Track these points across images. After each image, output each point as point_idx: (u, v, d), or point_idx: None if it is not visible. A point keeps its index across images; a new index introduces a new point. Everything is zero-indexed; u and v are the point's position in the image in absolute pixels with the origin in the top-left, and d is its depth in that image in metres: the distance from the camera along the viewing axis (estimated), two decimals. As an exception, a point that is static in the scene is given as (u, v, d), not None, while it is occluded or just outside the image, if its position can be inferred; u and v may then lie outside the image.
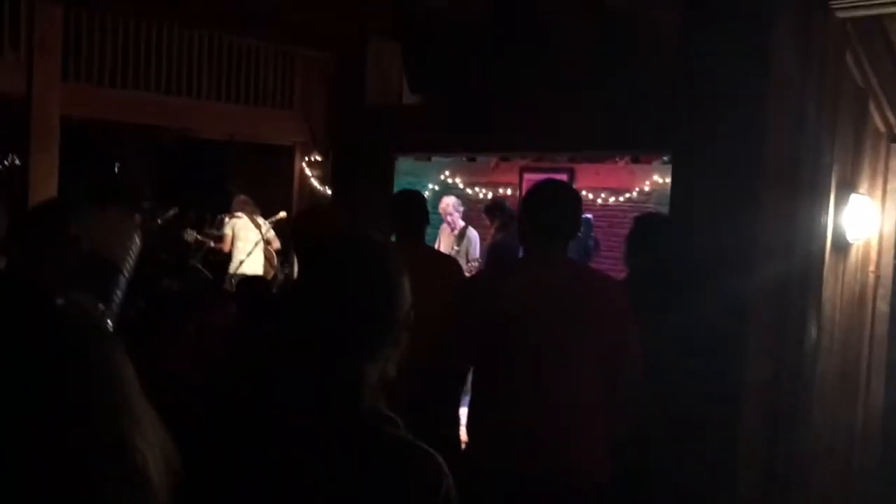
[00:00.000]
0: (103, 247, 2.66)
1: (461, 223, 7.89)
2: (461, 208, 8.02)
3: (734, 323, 3.28)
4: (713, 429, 3.20)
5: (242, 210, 8.47)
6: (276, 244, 8.70)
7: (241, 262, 8.17)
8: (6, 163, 11.56)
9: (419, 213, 4.02)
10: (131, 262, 2.70)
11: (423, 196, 4.22)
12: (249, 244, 8.28)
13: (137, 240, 2.71)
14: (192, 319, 4.01)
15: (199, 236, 8.55)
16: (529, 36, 4.48)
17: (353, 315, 1.39)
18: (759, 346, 3.39)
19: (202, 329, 3.79)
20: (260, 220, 8.51)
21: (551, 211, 2.92)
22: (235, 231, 8.33)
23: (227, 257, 8.40)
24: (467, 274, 7.04)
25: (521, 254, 3.57)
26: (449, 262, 4.34)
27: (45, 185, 7.51)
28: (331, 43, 5.57)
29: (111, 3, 6.03)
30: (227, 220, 8.50)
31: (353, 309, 1.40)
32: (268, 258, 8.55)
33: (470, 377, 3.02)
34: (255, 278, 5.98)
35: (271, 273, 8.60)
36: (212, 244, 8.54)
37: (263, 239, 8.41)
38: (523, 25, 4.49)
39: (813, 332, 3.66)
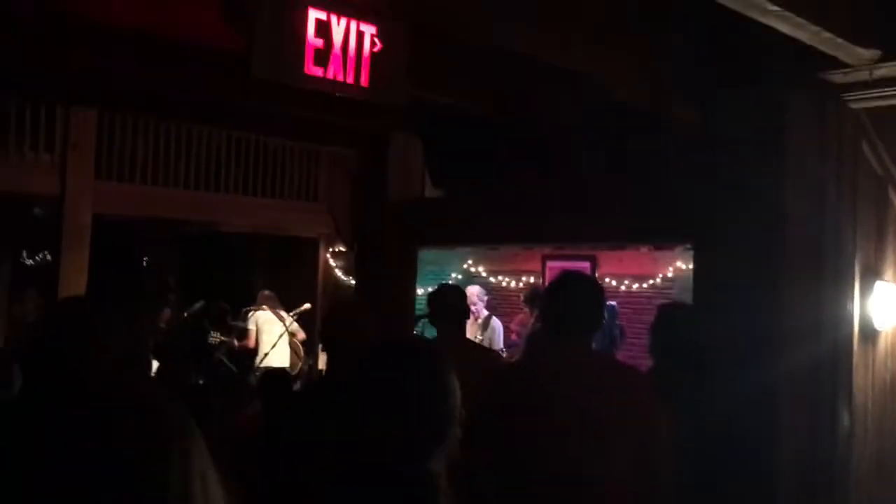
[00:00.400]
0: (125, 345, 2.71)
1: (485, 312, 7.89)
2: (485, 297, 8.02)
3: (765, 406, 3.24)
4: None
5: (266, 304, 8.54)
6: (301, 335, 8.72)
7: (266, 355, 8.19)
8: (37, 258, 11.81)
9: (459, 308, 4.01)
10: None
11: (463, 291, 4.22)
12: (274, 336, 8.31)
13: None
14: (215, 417, 4.02)
15: (222, 337, 8.59)
16: (550, 131, 4.58)
17: (418, 419, 1.43)
18: (791, 428, 3.34)
19: (226, 428, 3.79)
20: (283, 313, 8.56)
21: (572, 303, 2.92)
22: (259, 325, 8.37)
23: (253, 351, 8.43)
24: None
25: None
26: (491, 355, 4.35)
27: (75, 281, 7.64)
28: (354, 140, 5.73)
29: (143, 106, 6.26)
30: (250, 314, 8.56)
31: (418, 414, 1.43)
32: (294, 350, 8.56)
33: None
34: (276, 372, 5.99)
35: (298, 364, 8.59)
36: (235, 343, 8.58)
37: (288, 331, 8.44)
38: (543, 121, 4.60)
39: (845, 419, 3.59)
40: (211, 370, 8.14)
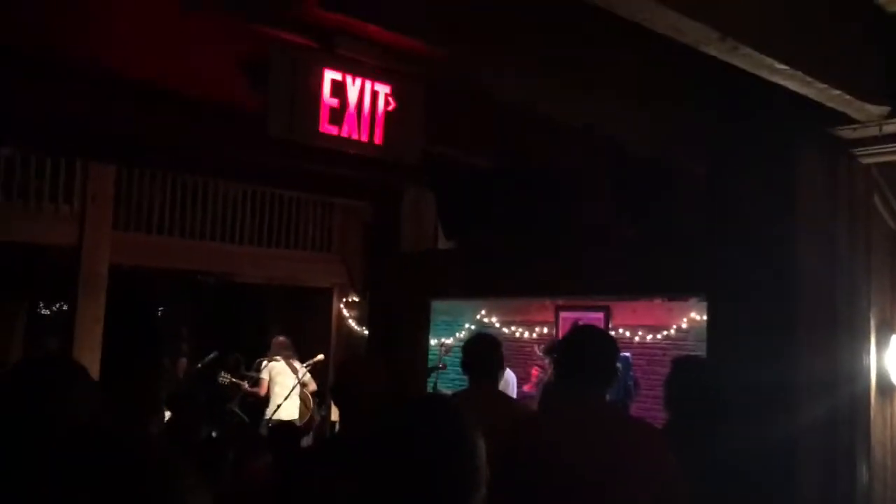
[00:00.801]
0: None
1: (498, 364, 7.84)
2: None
3: (781, 461, 3.19)
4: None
5: (279, 353, 8.51)
6: (313, 386, 8.69)
7: (279, 407, 8.16)
8: (54, 308, 11.90)
9: (495, 359, 3.96)
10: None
11: (499, 341, 4.14)
12: (286, 389, 8.28)
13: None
14: (228, 469, 4.00)
15: (233, 379, 8.58)
16: (562, 183, 4.62)
17: (438, 481, 1.38)
18: (808, 483, 3.29)
19: (238, 480, 3.77)
20: (297, 364, 8.54)
21: (586, 358, 2.91)
22: (272, 375, 8.35)
23: (264, 401, 8.39)
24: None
25: None
26: (520, 408, 4.30)
27: (91, 330, 7.71)
28: (368, 193, 5.79)
29: (161, 161, 6.37)
30: (264, 363, 8.54)
31: (438, 475, 1.38)
32: (303, 400, 8.52)
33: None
34: (286, 425, 5.97)
35: (307, 415, 8.54)
36: (247, 386, 8.55)
37: (300, 382, 8.41)
38: (555, 173, 4.64)
39: (864, 474, 3.54)
40: (224, 420, 8.11)
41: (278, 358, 8.41)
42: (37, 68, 3.02)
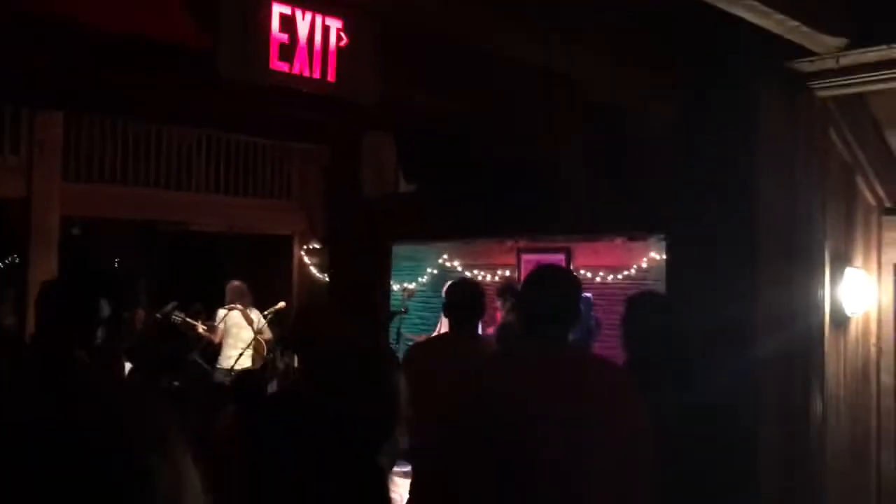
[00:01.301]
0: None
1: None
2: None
3: (745, 391, 3.26)
4: (729, 500, 3.13)
5: (235, 300, 8.37)
6: (267, 334, 8.62)
7: (231, 357, 8.09)
8: (6, 261, 11.64)
9: (478, 304, 3.95)
10: None
11: (481, 287, 4.11)
12: (239, 340, 8.21)
13: None
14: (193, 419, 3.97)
15: (186, 318, 8.45)
16: (524, 126, 4.57)
17: (366, 420, 1.49)
18: (768, 416, 3.36)
19: (203, 430, 3.74)
20: (253, 314, 8.42)
21: (549, 298, 2.89)
22: (228, 326, 8.23)
23: (218, 348, 8.31)
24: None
25: None
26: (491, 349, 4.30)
27: (44, 284, 7.54)
28: (325, 136, 5.68)
29: (109, 107, 6.16)
30: (220, 312, 8.41)
31: (367, 413, 1.50)
32: (256, 349, 8.45)
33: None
34: (249, 374, 5.94)
35: (259, 363, 8.49)
36: (200, 330, 8.43)
37: (257, 331, 8.33)
38: (518, 118, 4.59)
39: (819, 406, 3.62)
40: (185, 370, 8.05)
41: (237, 307, 8.30)
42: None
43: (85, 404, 0.71)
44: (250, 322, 8.26)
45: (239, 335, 8.19)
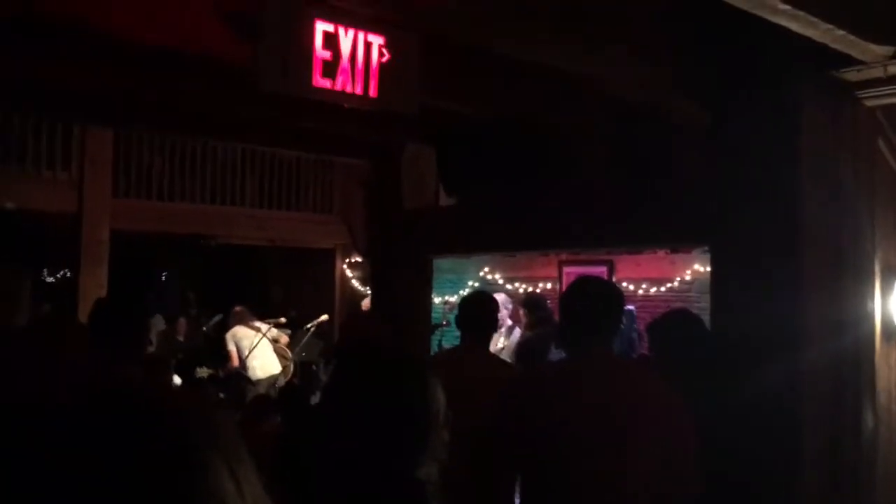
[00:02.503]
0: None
1: (509, 322, 7.81)
2: (510, 306, 7.92)
3: (788, 404, 3.20)
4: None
5: (239, 323, 8.49)
6: (284, 339, 8.70)
7: (255, 368, 8.17)
8: (57, 276, 11.93)
9: (488, 316, 3.94)
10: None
11: (496, 300, 4.11)
12: (256, 349, 8.31)
13: None
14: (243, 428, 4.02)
15: (209, 370, 8.55)
16: (564, 136, 4.57)
17: (400, 428, 1.46)
18: (814, 427, 3.29)
19: (252, 437, 3.79)
20: (259, 324, 8.51)
21: (591, 308, 2.88)
22: (237, 342, 8.34)
23: (242, 369, 8.39)
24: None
25: (550, 354, 3.51)
26: (508, 367, 4.28)
27: (94, 296, 7.70)
28: (367, 151, 5.74)
29: (158, 124, 6.31)
30: (226, 337, 8.51)
31: (400, 422, 1.46)
32: (280, 354, 8.54)
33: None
34: (293, 387, 6.00)
35: (288, 366, 8.57)
36: (221, 374, 8.54)
37: (269, 339, 8.40)
38: (556, 126, 4.59)
39: (870, 419, 3.54)
40: (230, 383, 8.16)
41: (237, 327, 8.39)
42: (19, 29, 2.96)
43: (148, 421, 0.71)
44: (256, 329, 8.33)
45: (252, 345, 8.28)
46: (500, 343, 7.61)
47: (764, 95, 3.49)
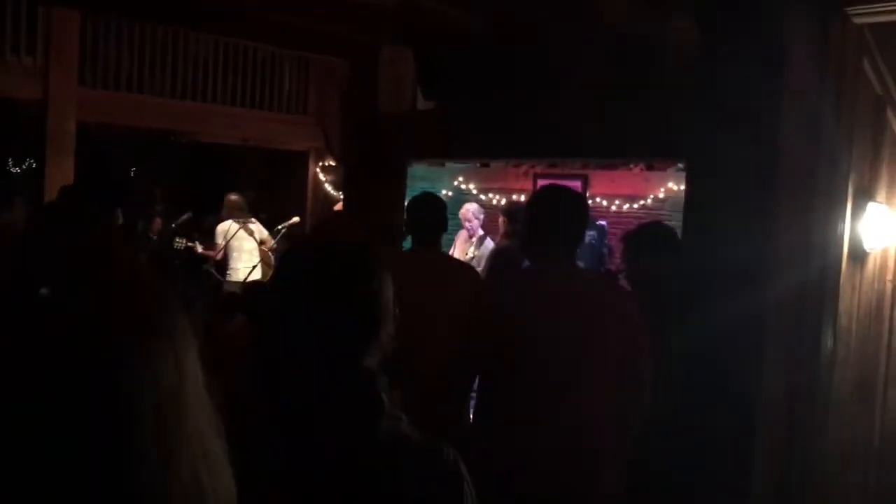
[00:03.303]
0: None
1: (480, 231, 7.83)
2: (481, 216, 7.93)
3: (750, 334, 3.23)
4: (727, 441, 3.16)
5: (233, 215, 8.37)
6: (270, 243, 8.67)
7: (237, 270, 8.15)
8: (23, 166, 11.67)
9: (438, 218, 3.97)
10: None
11: (444, 201, 4.15)
12: (245, 254, 8.24)
13: None
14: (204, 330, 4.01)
15: (188, 243, 8.48)
16: (545, 47, 4.46)
17: (343, 314, 1.45)
18: (774, 357, 3.35)
19: (215, 341, 3.78)
20: (254, 226, 8.43)
21: (555, 216, 2.87)
22: (230, 242, 8.26)
23: (223, 263, 8.35)
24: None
25: (524, 264, 3.52)
26: (466, 269, 4.31)
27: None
28: (345, 50, 5.58)
29: (127, 9, 6.05)
30: (219, 227, 8.42)
31: (341, 309, 1.46)
32: (264, 259, 8.51)
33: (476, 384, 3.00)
34: (258, 284, 5.99)
35: (269, 273, 8.56)
36: (199, 249, 8.46)
37: (260, 241, 8.36)
38: (538, 36, 4.47)
39: (829, 343, 3.61)
40: (200, 281, 8.13)
41: (236, 221, 8.30)
42: None
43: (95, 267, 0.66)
44: (251, 233, 8.27)
45: (241, 247, 8.23)
46: (470, 252, 7.65)
47: (750, 11, 3.41)
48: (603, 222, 8.26)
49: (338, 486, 1.37)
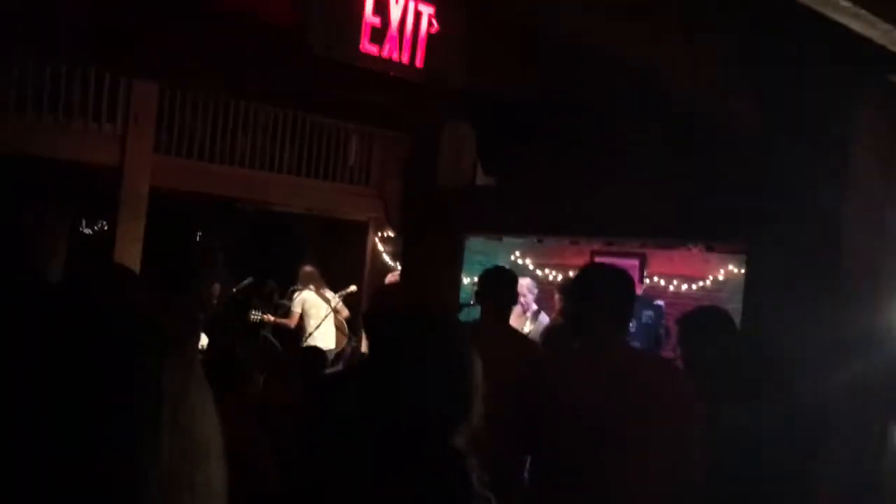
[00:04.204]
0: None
1: (534, 306, 7.83)
2: (535, 290, 7.94)
3: (813, 420, 3.15)
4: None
5: (309, 283, 8.55)
6: (345, 313, 8.76)
7: (311, 335, 8.26)
8: (96, 228, 12.11)
9: (512, 293, 3.97)
10: None
11: (515, 276, 4.16)
12: (319, 319, 8.37)
13: None
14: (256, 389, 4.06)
15: (264, 316, 8.64)
16: (606, 124, 4.52)
17: (440, 397, 1.43)
18: (838, 442, 3.25)
19: (266, 401, 3.83)
20: (328, 293, 8.59)
21: (599, 294, 2.85)
22: (305, 307, 8.40)
23: (297, 332, 8.48)
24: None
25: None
26: (531, 345, 4.30)
27: (130, 250, 7.83)
28: (407, 124, 5.73)
29: (204, 82, 6.35)
30: (296, 295, 8.59)
31: (440, 391, 1.43)
32: (338, 328, 8.61)
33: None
34: (314, 350, 6.05)
35: (343, 341, 8.64)
36: (272, 319, 8.60)
37: (333, 309, 8.49)
38: (600, 114, 4.54)
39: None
40: (256, 346, 8.22)
41: (310, 287, 8.47)
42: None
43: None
44: (326, 301, 8.40)
45: (319, 315, 8.35)
46: (526, 327, 7.62)
47: (816, 97, 3.42)
48: (661, 302, 8.16)
49: None
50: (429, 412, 1.40)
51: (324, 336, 8.26)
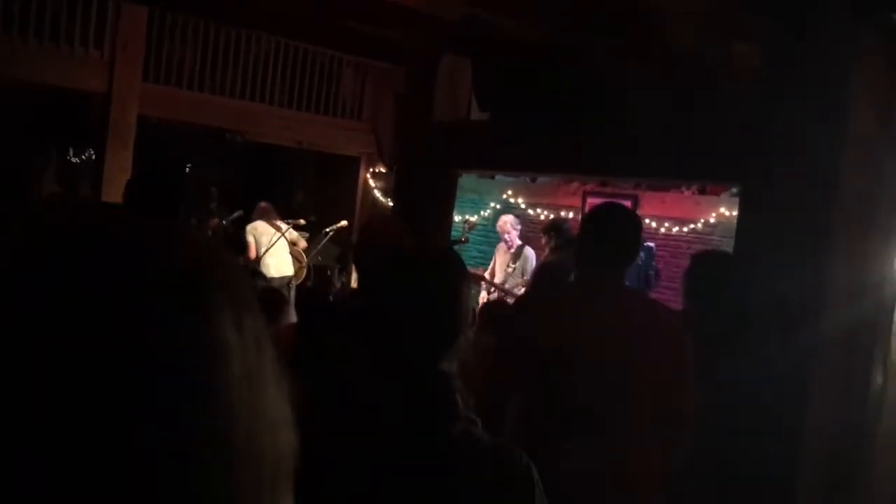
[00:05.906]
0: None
1: (518, 242, 7.86)
2: (518, 227, 7.98)
3: (797, 372, 3.17)
4: (769, 483, 3.09)
5: (261, 218, 8.52)
6: (302, 243, 8.76)
7: (270, 265, 8.25)
8: (83, 156, 11.97)
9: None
10: None
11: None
12: (274, 247, 8.38)
13: None
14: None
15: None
16: (602, 63, 4.45)
17: (430, 322, 1.46)
18: (821, 397, 3.28)
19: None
20: (281, 223, 8.54)
21: (609, 235, 2.85)
22: (256, 235, 8.38)
23: (257, 263, 8.48)
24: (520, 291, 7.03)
25: (571, 278, 3.48)
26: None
27: (118, 179, 7.74)
28: (403, 57, 5.63)
29: (193, 7, 6.20)
30: (246, 229, 8.55)
31: (429, 317, 1.47)
32: (296, 257, 8.61)
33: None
34: (313, 291, 6.06)
35: (302, 270, 8.66)
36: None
37: (288, 241, 8.46)
38: (597, 52, 4.46)
39: (879, 380, 3.53)
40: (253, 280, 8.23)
41: (260, 221, 8.44)
42: None
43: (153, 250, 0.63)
44: (278, 228, 8.36)
45: (269, 243, 8.33)
46: (509, 265, 7.66)
47: (816, 38, 3.35)
48: (651, 244, 8.18)
49: (410, 486, 1.37)
50: (415, 338, 1.44)
51: (278, 263, 8.26)
